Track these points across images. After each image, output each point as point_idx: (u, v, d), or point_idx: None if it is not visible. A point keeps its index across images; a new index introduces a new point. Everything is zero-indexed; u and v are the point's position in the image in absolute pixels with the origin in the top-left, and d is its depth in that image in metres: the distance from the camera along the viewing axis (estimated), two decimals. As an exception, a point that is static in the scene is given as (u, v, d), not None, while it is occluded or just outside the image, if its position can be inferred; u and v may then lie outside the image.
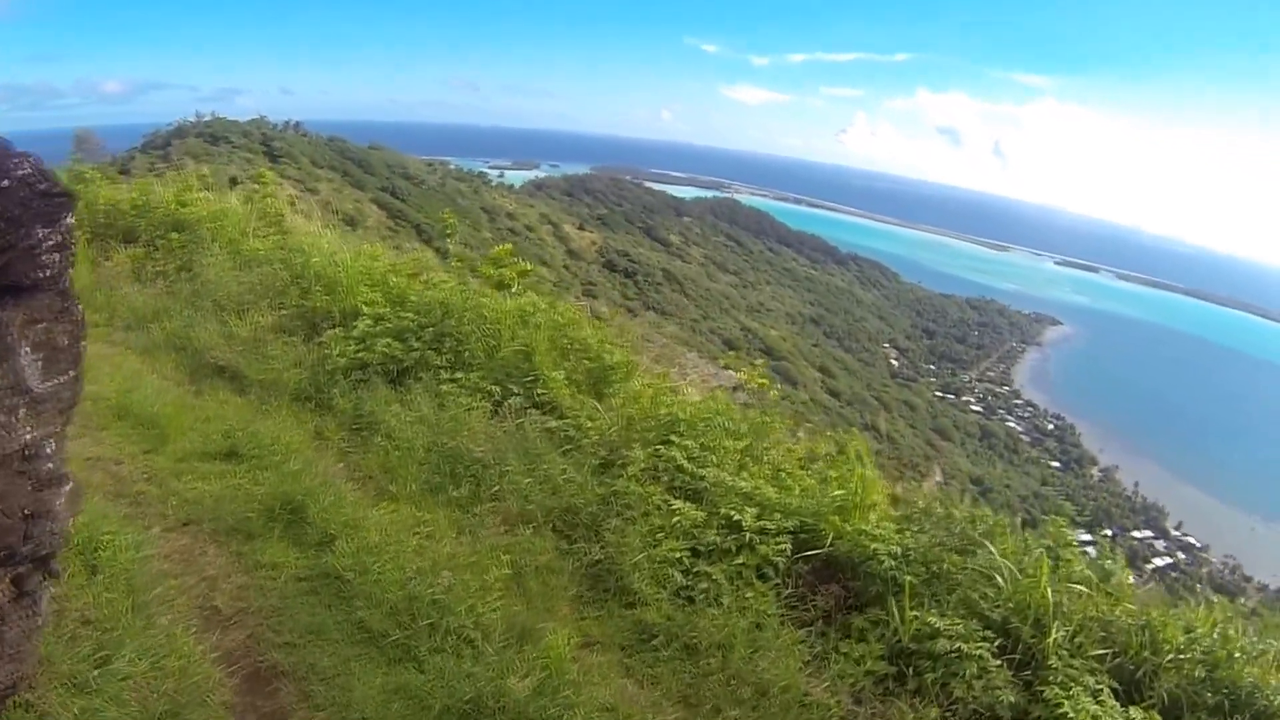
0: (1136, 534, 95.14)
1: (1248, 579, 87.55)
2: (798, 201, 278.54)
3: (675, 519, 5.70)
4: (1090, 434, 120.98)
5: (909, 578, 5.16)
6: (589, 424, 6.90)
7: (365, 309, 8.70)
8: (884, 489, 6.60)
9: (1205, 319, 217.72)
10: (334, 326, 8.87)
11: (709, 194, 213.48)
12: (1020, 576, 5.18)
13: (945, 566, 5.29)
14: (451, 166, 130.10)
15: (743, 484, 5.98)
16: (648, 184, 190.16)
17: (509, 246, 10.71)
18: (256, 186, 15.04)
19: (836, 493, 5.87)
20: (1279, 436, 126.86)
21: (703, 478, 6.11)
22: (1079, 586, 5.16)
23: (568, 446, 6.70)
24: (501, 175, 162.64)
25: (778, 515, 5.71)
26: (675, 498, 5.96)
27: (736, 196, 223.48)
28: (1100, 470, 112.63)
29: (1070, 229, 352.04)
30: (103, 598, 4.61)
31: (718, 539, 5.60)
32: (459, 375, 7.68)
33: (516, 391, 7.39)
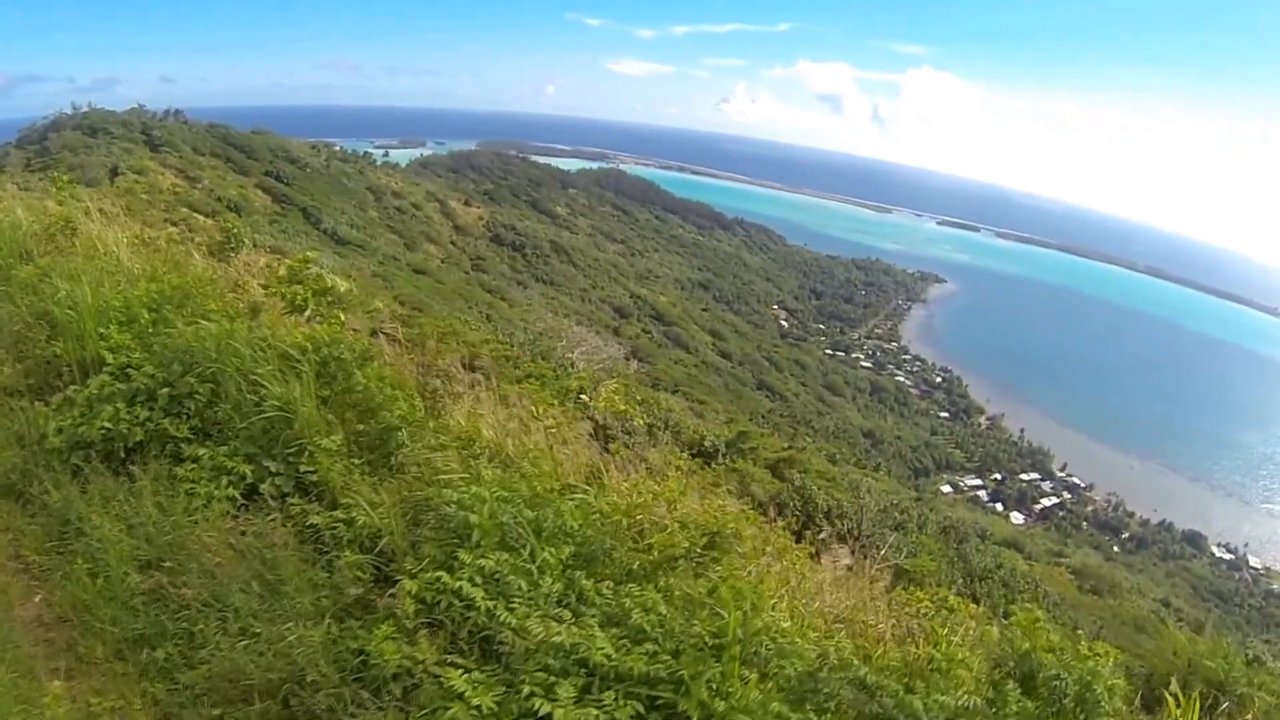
0: (1024, 476, 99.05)
1: (1130, 514, 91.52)
2: (682, 170, 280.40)
3: (451, 711, 3.65)
4: (977, 385, 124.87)
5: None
6: (362, 519, 4.92)
7: (109, 359, 6.44)
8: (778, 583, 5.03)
9: (1078, 272, 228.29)
10: (71, 384, 6.58)
11: (594, 165, 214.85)
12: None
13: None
14: (336, 148, 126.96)
15: (560, 635, 3.90)
16: (533, 158, 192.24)
17: (305, 255, 8.87)
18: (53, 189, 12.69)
19: (706, 637, 3.96)
20: (1150, 380, 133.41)
21: (503, 622, 4.04)
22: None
23: (330, 555, 4.81)
24: (387, 155, 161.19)
25: (611, 693, 3.73)
26: (460, 661, 3.96)
27: (622, 167, 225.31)
28: (987, 419, 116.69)
29: (950, 190, 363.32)
30: None
31: (516, 741, 3.59)
32: (202, 451, 5.69)
33: (275, 470, 5.50)
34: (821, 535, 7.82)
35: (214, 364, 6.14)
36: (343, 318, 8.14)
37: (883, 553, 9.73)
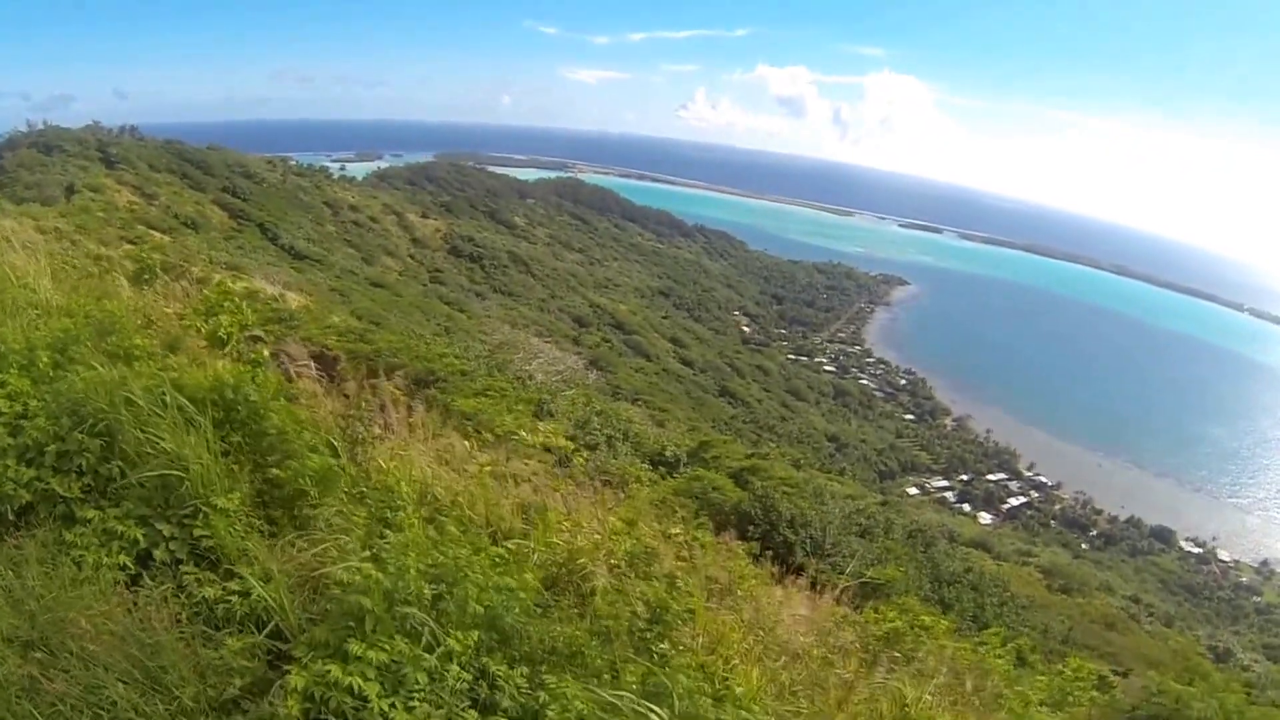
0: (991, 477, 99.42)
1: (1098, 511, 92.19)
2: (641, 177, 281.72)
3: None
4: (942, 387, 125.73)
5: None
6: (257, 591, 4.22)
7: (5, 408, 5.61)
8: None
9: (1043, 272, 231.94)
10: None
11: (552, 174, 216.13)
12: None
13: None
14: (293, 162, 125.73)
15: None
16: (490, 168, 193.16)
17: (225, 285, 8.28)
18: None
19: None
20: (1117, 377, 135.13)
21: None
22: None
23: (225, 632, 4.14)
24: (343, 168, 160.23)
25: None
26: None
27: (580, 176, 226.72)
28: (953, 420, 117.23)
29: (912, 193, 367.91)
30: None
31: None
32: (93, 513, 4.96)
33: (168, 534, 4.81)
34: (791, 566, 7.40)
35: (105, 415, 5.46)
36: (265, 353, 7.60)
37: (850, 568, 9.31)
